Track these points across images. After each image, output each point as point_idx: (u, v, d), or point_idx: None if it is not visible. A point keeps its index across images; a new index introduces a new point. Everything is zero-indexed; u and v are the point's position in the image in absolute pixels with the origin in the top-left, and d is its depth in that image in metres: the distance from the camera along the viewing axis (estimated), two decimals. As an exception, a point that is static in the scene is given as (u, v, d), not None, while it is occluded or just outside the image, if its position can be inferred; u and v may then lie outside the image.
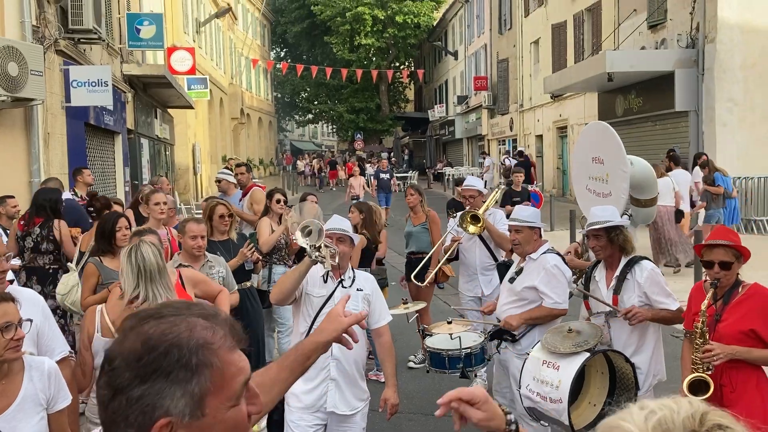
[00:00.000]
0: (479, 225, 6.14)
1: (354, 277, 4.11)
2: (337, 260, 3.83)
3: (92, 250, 5.38)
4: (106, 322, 3.64)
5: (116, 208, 7.12)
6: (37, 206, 6.71)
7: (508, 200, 11.62)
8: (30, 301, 3.23)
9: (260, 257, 6.21)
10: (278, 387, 1.85)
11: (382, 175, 22.28)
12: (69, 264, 6.20)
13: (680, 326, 4.23)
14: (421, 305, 5.16)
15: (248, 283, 6.03)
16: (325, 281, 4.03)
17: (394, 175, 24.97)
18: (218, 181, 9.69)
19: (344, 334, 1.99)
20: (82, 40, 11.44)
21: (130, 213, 6.95)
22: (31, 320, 2.92)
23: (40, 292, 6.38)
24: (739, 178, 15.07)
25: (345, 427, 3.97)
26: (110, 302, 3.79)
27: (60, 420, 3.01)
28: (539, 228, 4.69)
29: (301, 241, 3.80)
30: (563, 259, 4.70)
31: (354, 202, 16.46)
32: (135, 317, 1.29)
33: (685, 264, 10.94)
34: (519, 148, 29.64)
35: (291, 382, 1.90)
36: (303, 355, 1.91)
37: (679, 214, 10.92)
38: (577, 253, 5.28)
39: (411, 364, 7.27)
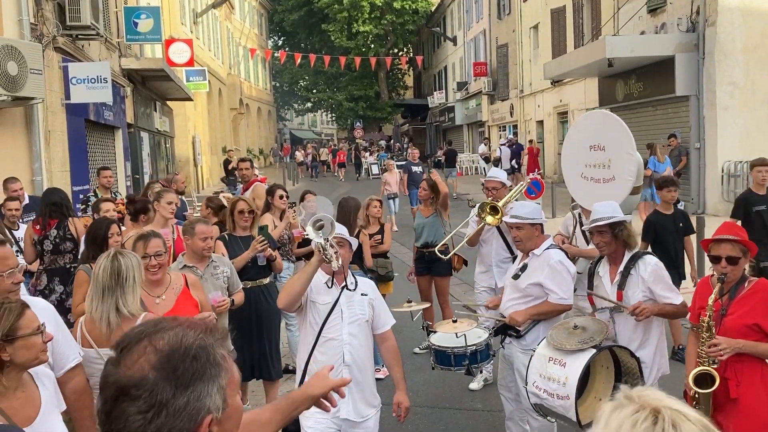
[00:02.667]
0: (497, 216, 6.03)
1: (356, 281, 4.06)
2: (341, 262, 3.78)
3: (83, 257, 5.25)
4: (84, 333, 3.61)
5: (108, 206, 7.00)
6: (50, 208, 6.71)
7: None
8: (42, 311, 3.26)
9: (272, 252, 5.96)
10: (270, 428, 2.01)
11: (414, 169, 17.33)
12: None
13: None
14: (425, 305, 5.17)
15: (265, 280, 5.92)
16: (330, 287, 3.96)
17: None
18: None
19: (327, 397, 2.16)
20: (80, 36, 11.40)
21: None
22: (43, 324, 2.97)
23: (62, 293, 6.43)
24: (740, 162, 15.06)
25: None
26: (87, 314, 3.76)
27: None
28: (541, 224, 4.65)
29: (313, 235, 3.71)
30: (566, 255, 4.71)
31: (389, 199, 16.09)
32: (131, 339, 1.33)
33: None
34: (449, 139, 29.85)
35: (281, 425, 2.07)
36: (294, 403, 2.10)
37: None
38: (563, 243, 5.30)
39: (416, 350, 7.41)
